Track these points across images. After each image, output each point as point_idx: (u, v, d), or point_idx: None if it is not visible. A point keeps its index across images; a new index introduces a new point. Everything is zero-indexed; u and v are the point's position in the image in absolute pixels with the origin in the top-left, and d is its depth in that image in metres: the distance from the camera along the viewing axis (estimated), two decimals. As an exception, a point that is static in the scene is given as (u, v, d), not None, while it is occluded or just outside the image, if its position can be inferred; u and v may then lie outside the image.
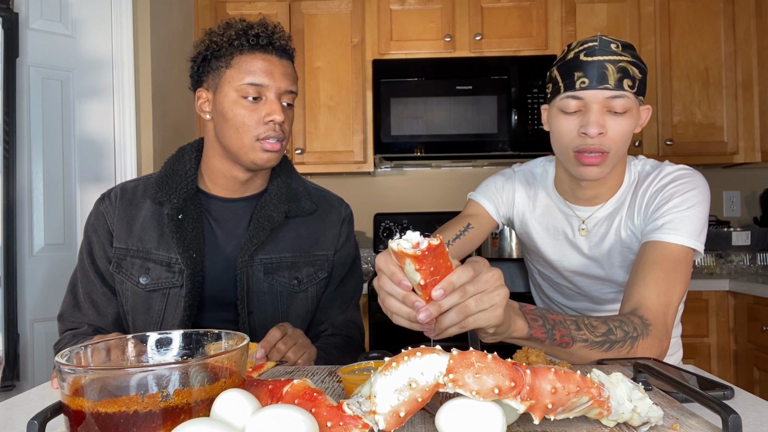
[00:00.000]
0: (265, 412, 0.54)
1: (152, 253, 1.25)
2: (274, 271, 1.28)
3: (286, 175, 1.35)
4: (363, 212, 3.24)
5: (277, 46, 1.24)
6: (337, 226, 1.37)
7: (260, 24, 1.25)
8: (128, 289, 1.25)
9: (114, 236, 1.28)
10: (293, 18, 2.92)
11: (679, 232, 1.16)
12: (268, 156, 1.23)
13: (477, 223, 1.39)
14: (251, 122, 1.20)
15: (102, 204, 1.31)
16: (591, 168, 1.20)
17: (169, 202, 1.25)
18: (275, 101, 1.21)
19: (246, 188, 1.31)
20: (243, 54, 1.22)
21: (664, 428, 0.67)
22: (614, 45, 1.17)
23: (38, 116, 2.25)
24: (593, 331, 0.98)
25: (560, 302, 1.46)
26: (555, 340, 0.95)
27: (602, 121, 1.16)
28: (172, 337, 0.72)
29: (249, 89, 1.20)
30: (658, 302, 1.08)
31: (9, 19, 2.10)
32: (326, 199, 1.40)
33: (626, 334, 1.00)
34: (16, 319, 2.10)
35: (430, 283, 0.74)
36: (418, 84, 2.82)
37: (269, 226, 1.26)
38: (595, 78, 1.15)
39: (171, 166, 1.31)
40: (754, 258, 2.80)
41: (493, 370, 0.57)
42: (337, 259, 1.36)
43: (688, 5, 2.87)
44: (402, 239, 0.71)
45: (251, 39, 1.22)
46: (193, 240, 1.24)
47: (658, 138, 2.86)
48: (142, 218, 1.27)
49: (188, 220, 1.24)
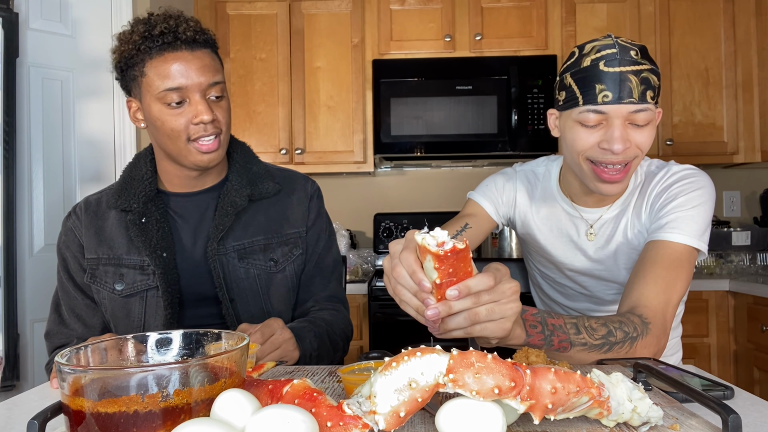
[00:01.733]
0: (265, 412, 0.54)
1: (124, 258, 1.24)
2: (248, 255, 1.27)
3: (246, 161, 1.33)
4: (363, 212, 3.24)
5: (184, 39, 1.15)
6: (305, 202, 1.35)
7: (163, 19, 1.17)
8: (105, 298, 1.25)
9: (84, 248, 1.27)
10: (293, 18, 2.92)
11: (682, 231, 1.15)
12: (209, 158, 1.20)
13: (475, 223, 1.38)
14: (180, 127, 1.16)
15: (69, 220, 1.31)
16: (612, 185, 1.18)
17: (130, 208, 1.24)
18: (200, 101, 1.16)
19: (204, 181, 1.30)
20: (153, 58, 1.15)
21: (664, 428, 0.67)
22: (633, 52, 1.12)
23: (38, 116, 2.25)
24: (593, 334, 0.98)
25: (561, 302, 1.45)
26: (553, 345, 0.95)
27: (626, 135, 1.13)
28: (172, 337, 0.72)
29: (168, 96, 1.15)
30: (657, 300, 1.08)
31: (9, 19, 2.10)
32: (290, 178, 1.38)
33: (626, 335, 1.00)
34: (16, 319, 2.10)
35: (445, 283, 0.74)
36: (418, 84, 2.82)
37: (233, 211, 1.25)
38: (618, 91, 1.10)
39: (129, 173, 1.30)
40: (754, 258, 2.80)
41: (493, 370, 0.57)
42: (311, 237, 1.35)
43: (688, 5, 2.87)
44: (428, 234, 0.70)
45: (155, 40, 1.15)
46: (160, 240, 1.23)
47: (658, 138, 2.86)
48: (110, 228, 1.27)
49: (152, 221, 1.24)
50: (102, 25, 2.43)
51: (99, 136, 2.42)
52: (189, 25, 1.17)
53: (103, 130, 2.43)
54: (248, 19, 2.92)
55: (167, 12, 1.19)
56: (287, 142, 2.91)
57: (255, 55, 2.91)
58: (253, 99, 2.90)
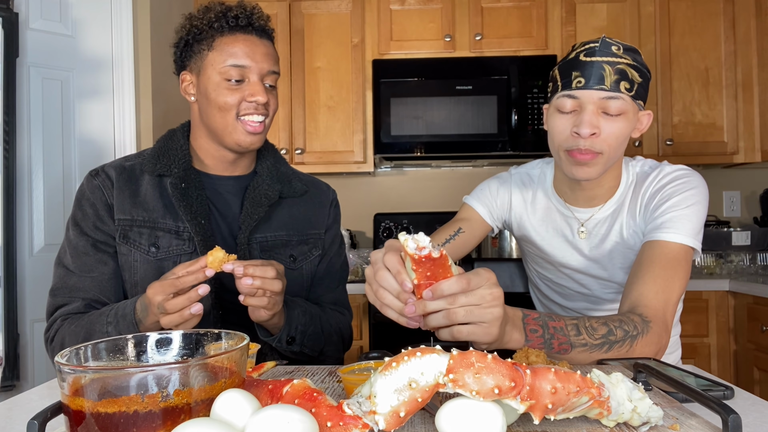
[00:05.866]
0: (265, 412, 0.54)
1: (159, 222, 1.25)
2: (270, 249, 1.29)
3: (275, 159, 1.38)
4: (363, 212, 3.24)
5: (256, 26, 1.25)
6: (326, 207, 1.41)
7: (239, 6, 1.26)
8: (137, 260, 1.24)
9: (115, 209, 1.25)
10: (293, 18, 2.92)
11: (678, 231, 1.16)
12: (252, 139, 1.24)
13: (468, 227, 1.39)
14: (234, 102, 1.22)
15: (97, 178, 1.28)
16: (582, 168, 1.20)
17: (170, 173, 1.26)
18: (258, 83, 1.22)
19: (235, 167, 1.33)
20: (224, 36, 1.23)
21: (664, 428, 0.67)
22: (615, 47, 1.17)
23: (38, 116, 2.25)
24: (593, 334, 0.98)
25: (559, 302, 1.46)
26: (553, 348, 0.96)
27: (596, 121, 1.16)
28: (172, 337, 0.72)
29: (231, 71, 1.21)
30: (657, 299, 1.08)
31: (9, 19, 2.10)
32: (315, 183, 1.44)
33: (626, 333, 1.00)
34: (16, 319, 2.10)
35: (423, 285, 0.78)
36: (418, 84, 2.82)
37: (267, 202, 1.29)
38: (591, 78, 1.16)
39: (164, 144, 1.31)
40: (754, 258, 2.80)
41: (493, 370, 0.57)
42: (327, 238, 1.39)
43: (688, 5, 2.87)
44: (411, 238, 0.74)
45: (230, 21, 1.22)
46: (200, 207, 1.25)
47: (658, 138, 2.86)
48: (144, 191, 1.27)
49: (192, 188, 1.26)
50: (102, 25, 2.43)
51: (99, 136, 2.42)
52: (261, 16, 1.27)
53: (103, 130, 2.43)
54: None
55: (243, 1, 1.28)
56: (287, 142, 2.91)
57: (255, 55, 2.90)
58: (253, 99, 2.90)
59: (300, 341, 1.21)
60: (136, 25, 2.47)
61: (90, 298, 1.23)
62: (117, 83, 2.45)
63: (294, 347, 1.21)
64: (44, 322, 1.31)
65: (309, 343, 1.24)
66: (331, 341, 1.31)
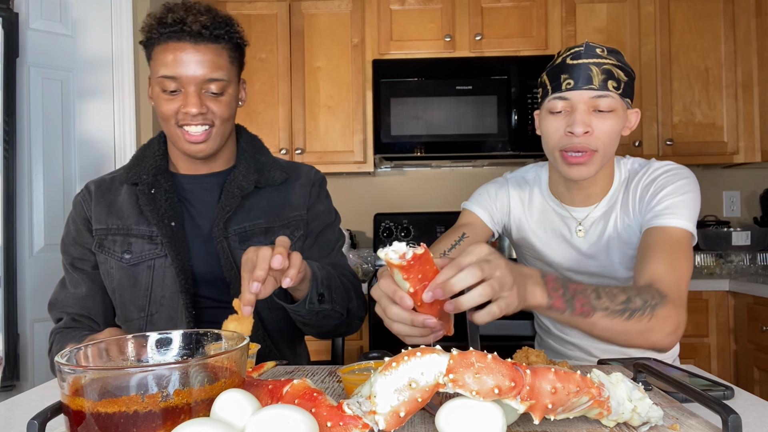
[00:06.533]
0: (265, 412, 0.54)
1: (132, 228, 1.27)
2: (249, 238, 1.28)
3: (254, 151, 1.36)
4: (363, 212, 3.24)
5: (189, 31, 1.17)
6: (306, 187, 1.37)
7: (178, 7, 1.19)
8: (113, 267, 1.27)
9: (92, 221, 1.30)
10: (293, 18, 2.92)
11: (678, 216, 1.18)
12: (195, 148, 1.22)
13: (472, 232, 1.39)
14: (171, 112, 1.20)
15: (79, 195, 1.35)
16: (578, 168, 1.23)
17: (139, 180, 1.28)
18: (191, 93, 1.17)
19: (211, 165, 1.32)
20: (159, 44, 1.19)
21: (664, 428, 0.67)
22: (599, 49, 1.22)
23: (38, 116, 2.25)
24: (613, 299, 0.97)
25: None
26: (575, 310, 0.93)
27: (588, 120, 1.20)
28: (172, 337, 0.72)
29: (165, 82, 1.18)
30: (670, 277, 1.08)
31: (9, 19, 2.10)
32: (297, 168, 1.40)
33: (645, 302, 0.99)
34: (16, 319, 2.10)
35: (419, 290, 0.77)
36: (418, 84, 2.81)
37: (239, 193, 1.27)
38: (580, 79, 1.20)
39: (142, 152, 1.34)
40: (754, 258, 2.80)
41: (493, 370, 0.57)
42: (311, 215, 1.35)
43: (688, 5, 2.87)
44: (390, 250, 0.74)
45: (165, 27, 1.17)
46: (168, 210, 1.25)
47: (658, 138, 2.86)
48: (120, 201, 1.30)
49: (160, 192, 1.27)
50: (102, 25, 2.43)
51: (99, 136, 2.42)
52: (199, 18, 1.17)
53: (103, 130, 2.43)
54: (248, 19, 2.92)
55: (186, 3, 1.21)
56: (287, 142, 2.91)
57: (255, 55, 2.90)
58: (253, 99, 2.89)
59: (329, 298, 1.16)
60: (136, 25, 2.47)
61: (75, 313, 1.29)
62: (117, 83, 2.45)
63: (325, 304, 1.14)
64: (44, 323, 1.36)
65: (337, 298, 1.19)
66: (351, 298, 1.26)
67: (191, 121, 1.20)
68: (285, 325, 1.33)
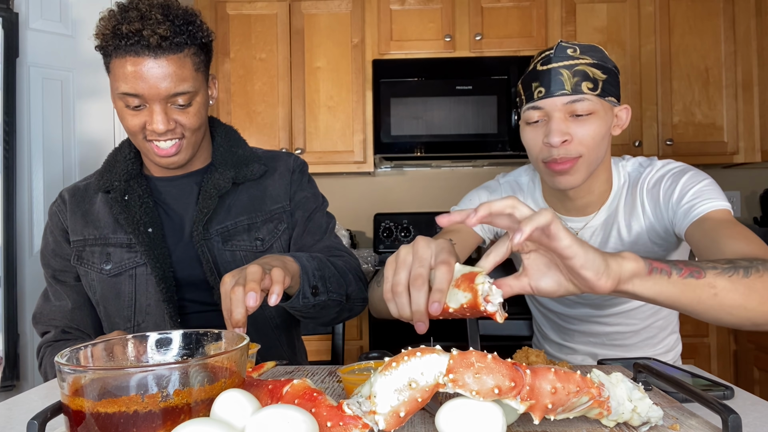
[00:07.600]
0: (265, 412, 0.54)
1: (110, 238, 1.23)
2: (232, 237, 1.24)
3: (230, 145, 1.30)
4: (363, 212, 3.24)
5: (147, 45, 1.07)
6: (286, 176, 1.32)
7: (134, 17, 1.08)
8: (94, 279, 1.24)
9: (69, 231, 1.27)
10: (293, 18, 2.92)
11: (712, 200, 1.11)
12: (167, 161, 1.18)
13: (459, 239, 1.31)
14: (137, 127, 1.14)
15: (54, 205, 1.31)
16: (564, 177, 1.17)
17: (111, 187, 1.23)
18: (157, 110, 1.11)
19: (187, 166, 1.27)
20: (117, 57, 1.10)
21: (664, 428, 0.67)
22: (571, 50, 1.15)
23: (38, 116, 2.25)
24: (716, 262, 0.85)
25: (557, 310, 1.41)
26: (682, 271, 0.81)
27: (564, 128, 1.14)
28: (172, 337, 0.72)
29: (126, 99, 1.11)
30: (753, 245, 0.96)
31: (9, 19, 2.10)
32: (276, 157, 1.36)
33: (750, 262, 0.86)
34: (16, 319, 2.10)
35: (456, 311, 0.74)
36: (418, 84, 2.82)
37: (216, 193, 1.23)
38: (551, 86, 1.14)
39: (112, 157, 1.29)
40: (754, 258, 2.80)
41: (493, 370, 0.57)
42: (295, 204, 1.32)
43: (688, 5, 2.87)
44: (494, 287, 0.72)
45: (121, 39, 1.08)
46: (143, 216, 1.21)
47: (658, 138, 2.86)
48: (96, 210, 1.26)
49: (134, 198, 1.22)
50: (102, 25, 2.43)
51: (99, 136, 2.42)
52: (157, 30, 1.07)
53: (103, 130, 2.43)
54: (248, 19, 2.92)
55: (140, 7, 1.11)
56: (287, 142, 2.91)
57: (255, 55, 2.91)
58: (253, 99, 2.90)
59: (324, 288, 1.12)
60: (136, 25, 2.47)
61: (63, 326, 1.26)
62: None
63: (321, 296, 1.11)
64: (44, 323, 1.33)
65: (332, 287, 1.15)
66: (350, 281, 1.22)
67: (160, 137, 1.14)
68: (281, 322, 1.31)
